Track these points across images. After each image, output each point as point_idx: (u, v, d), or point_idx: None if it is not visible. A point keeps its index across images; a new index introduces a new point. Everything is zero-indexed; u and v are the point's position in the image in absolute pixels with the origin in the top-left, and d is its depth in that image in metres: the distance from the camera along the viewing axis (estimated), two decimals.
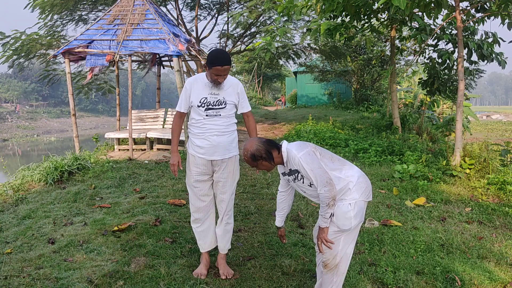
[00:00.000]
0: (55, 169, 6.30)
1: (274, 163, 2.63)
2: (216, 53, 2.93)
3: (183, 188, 5.75)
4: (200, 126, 3.07)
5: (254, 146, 2.59)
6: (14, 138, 34.86)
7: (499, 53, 8.01)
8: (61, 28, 13.36)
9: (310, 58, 18.75)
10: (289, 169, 2.61)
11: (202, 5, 14.82)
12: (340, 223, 2.50)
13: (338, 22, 8.03)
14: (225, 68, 2.88)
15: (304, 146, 2.58)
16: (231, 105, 3.10)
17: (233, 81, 3.15)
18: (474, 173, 6.18)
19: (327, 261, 2.60)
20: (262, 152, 2.58)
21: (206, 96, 3.03)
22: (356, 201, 2.50)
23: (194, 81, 3.09)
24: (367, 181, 2.61)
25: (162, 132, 8.63)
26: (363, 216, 2.58)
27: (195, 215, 3.25)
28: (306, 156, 2.50)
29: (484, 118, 36.95)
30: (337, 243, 2.55)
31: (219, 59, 2.86)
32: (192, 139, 3.13)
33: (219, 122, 3.06)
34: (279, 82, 37.46)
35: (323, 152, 2.63)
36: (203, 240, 3.27)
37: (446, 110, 16.02)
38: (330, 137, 9.21)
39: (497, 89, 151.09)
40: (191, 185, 3.20)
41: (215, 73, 2.90)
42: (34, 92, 58.23)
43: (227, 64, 2.88)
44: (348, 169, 2.60)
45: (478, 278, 3.15)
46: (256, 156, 2.58)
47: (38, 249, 3.71)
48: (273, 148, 2.61)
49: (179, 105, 3.13)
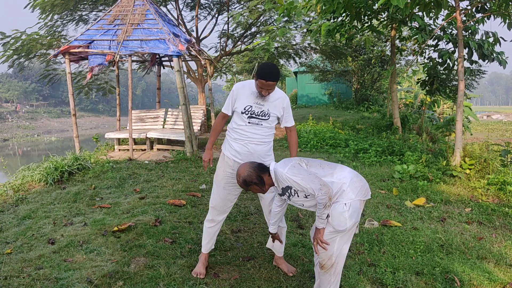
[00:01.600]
0: (55, 169, 6.30)
1: (266, 187, 2.74)
2: (264, 66, 2.92)
3: (183, 189, 5.76)
4: (240, 132, 3.07)
5: (246, 172, 2.69)
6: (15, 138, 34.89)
7: (500, 52, 8.00)
8: (61, 28, 13.37)
9: (310, 58, 18.74)
10: (281, 188, 2.68)
11: (202, 5, 14.82)
12: (336, 223, 2.53)
13: (338, 23, 8.04)
14: (269, 84, 2.89)
15: (288, 161, 2.67)
16: (274, 117, 3.10)
17: (281, 95, 3.13)
18: (474, 173, 6.18)
19: (322, 261, 2.62)
20: (253, 178, 2.68)
21: (251, 105, 3.03)
22: (352, 201, 2.52)
23: (242, 87, 3.09)
24: (361, 180, 2.62)
25: (162, 132, 8.63)
26: (359, 216, 2.59)
27: (213, 215, 3.25)
28: (292, 169, 2.57)
29: (485, 118, 36.94)
30: (333, 243, 2.57)
31: (265, 74, 2.86)
32: (230, 142, 3.13)
33: (260, 131, 3.07)
34: (279, 82, 37.50)
35: (310, 161, 2.70)
36: (209, 240, 3.29)
37: (446, 110, 16.02)
38: (330, 137, 9.22)
39: (498, 89, 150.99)
40: (220, 186, 3.19)
41: (260, 86, 2.92)
42: (34, 92, 58.27)
43: (273, 80, 2.88)
44: (339, 171, 2.62)
45: (478, 278, 3.15)
46: (247, 181, 2.69)
47: (38, 250, 3.71)
48: (263, 173, 2.71)
49: (226, 107, 3.15)
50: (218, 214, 3.25)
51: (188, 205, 4.98)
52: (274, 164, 2.71)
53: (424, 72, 10.14)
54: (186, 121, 8.06)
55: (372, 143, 8.43)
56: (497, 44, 7.81)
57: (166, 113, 9.78)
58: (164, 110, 9.81)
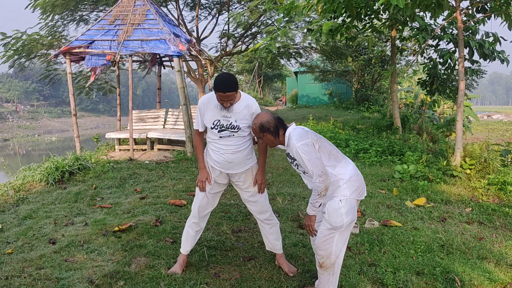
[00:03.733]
0: (56, 169, 6.31)
1: (277, 140, 2.75)
2: (219, 78, 2.83)
3: (184, 189, 5.76)
4: (215, 144, 3.07)
5: (266, 118, 2.72)
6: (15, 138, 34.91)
7: (501, 51, 8.00)
8: (62, 28, 13.39)
9: (311, 58, 18.75)
10: (287, 153, 2.76)
11: (202, 5, 14.82)
12: (332, 220, 2.54)
13: (339, 23, 8.04)
14: (227, 95, 2.80)
15: (305, 136, 2.63)
16: (245, 126, 3.00)
17: (248, 101, 3.00)
18: (475, 173, 6.18)
19: (321, 259, 2.63)
20: (271, 125, 2.70)
21: (219, 119, 2.97)
22: (347, 198, 2.53)
23: (207, 101, 3.02)
24: (360, 180, 2.63)
25: (162, 132, 8.64)
26: (355, 214, 2.60)
27: (194, 219, 3.26)
28: (304, 146, 2.57)
29: (485, 118, 36.90)
30: (331, 241, 2.58)
31: (219, 86, 2.78)
32: (209, 151, 3.13)
33: (233, 142, 3.02)
34: (279, 82, 37.49)
35: (322, 146, 2.67)
36: (189, 243, 3.29)
37: (446, 110, 16.00)
38: (330, 137, 9.21)
39: (498, 89, 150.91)
40: (203, 191, 3.19)
41: (219, 98, 2.86)
42: (35, 92, 58.30)
43: (229, 91, 2.78)
44: (342, 166, 2.63)
45: (478, 278, 3.15)
46: (265, 127, 2.71)
47: (39, 249, 3.72)
48: (281, 127, 2.73)
49: (197, 124, 3.12)
50: (198, 218, 3.26)
51: (188, 205, 4.98)
52: (292, 128, 2.72)
53: (424, 72, 10.13)
54: (187, 121, 8.07)
55: (372, 143, 8.43)
56: (497, 43, 7.82)
57: (167, 113, 9.78)
58: (164, 110, 9.81)
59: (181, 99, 8.09)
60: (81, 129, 18.56)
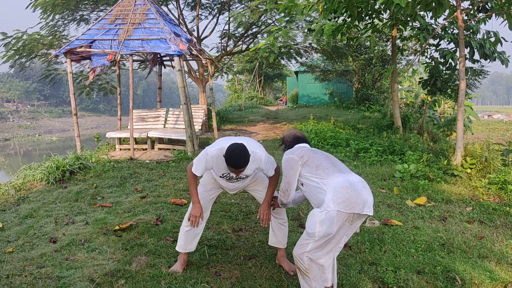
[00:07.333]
0: (56, 169, 6.32)
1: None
2: (233, 155, 2.74)
3: (185, 188, 5.77)
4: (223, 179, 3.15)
5: (289, 134, 3.13)
6: (16, 138, 34.95)
7: (501, 52, 7.99)
8: (62, 28, 13.36)
9: (311, 58, 18.73)
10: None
11: (203, 4, 14.82)
12: (307, 225, 2.62)
13: (340, 23, 8.03)
14: (239, 171, 2.83)
15: (292, 152, 2.86)
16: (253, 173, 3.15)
17: (256, 157, 2.93)
18: (475, 172, 6.17)
19: (295, 259, 2.68)
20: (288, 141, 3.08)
21: (229, 172, 2.98)
22: (330, 210, 2.51)
23: (216, 162, 2.96)
24: (349, 192, 2.54)
25: (163, 132, 8.64)
26: (333, 228, 2.51)
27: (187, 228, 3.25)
28: (286, 160, 2.83)
29: (486, 118, 36.88)
30: (305, 247, 2.61)
31: (233, 163, 2.75)
32: (215, 169, 3.05)
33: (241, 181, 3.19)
34: (280, 81, 37.46)
35: (312, 159, 2.76)
36: (188, 242, 3.25)
37: (447, 110, 15.98)
38: (331, 136, 9.21)
39: (499, 89, 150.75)
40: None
41: (230, 169, 2.86)
42: (35, 92, 58.36)
43: (242, 167, 2.78)
44: (332, 179, 2.62)
45: (479, 277, 3.15)
46: (284, 140, 3.15)
47: (39, 248, 3.72)
48: (292, 145, 3.04)
49: (196, 168, 2.99)
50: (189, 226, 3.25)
51: (189, 204, 4.98)
52: (288, 152, 2.93)
53: (425, 71, 10.12)
54: (187, 121, 8.07)
55: (373, 142, 8.43)
56: (499, 44, 7.81)
57: (167, 112, 9.78)
58: (165, 109, 9.81)
59: (182, 99, 8.10)
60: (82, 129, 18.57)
